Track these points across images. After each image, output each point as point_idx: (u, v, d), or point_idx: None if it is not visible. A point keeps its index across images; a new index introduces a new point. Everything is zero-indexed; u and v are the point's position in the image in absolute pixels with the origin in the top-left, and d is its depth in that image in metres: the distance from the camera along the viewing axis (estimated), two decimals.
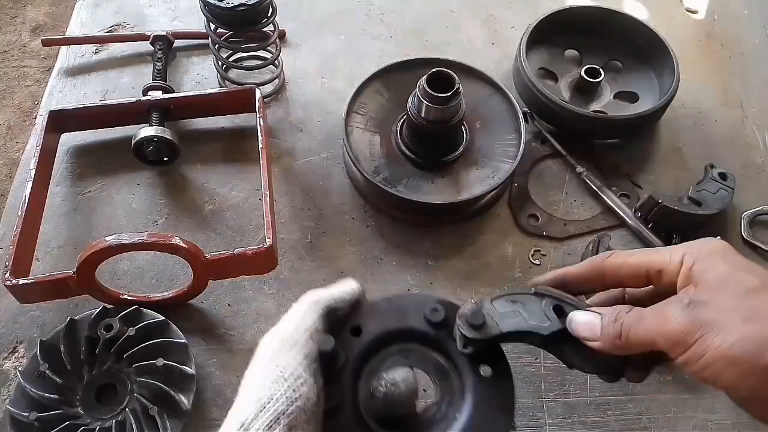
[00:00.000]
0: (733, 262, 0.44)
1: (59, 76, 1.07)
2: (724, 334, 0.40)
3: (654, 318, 0.44)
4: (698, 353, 0.41)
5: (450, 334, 0.50)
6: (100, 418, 0.71)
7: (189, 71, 1.08)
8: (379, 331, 0.50)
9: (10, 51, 2.64)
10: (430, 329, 0.51)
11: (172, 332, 0.77)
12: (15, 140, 2.38)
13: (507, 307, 0.50)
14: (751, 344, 0.39)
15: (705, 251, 0.45)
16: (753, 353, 0.39)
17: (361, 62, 1.08)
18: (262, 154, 0.86)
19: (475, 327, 0.48)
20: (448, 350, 0.50)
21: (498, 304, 0.50)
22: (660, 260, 0.47)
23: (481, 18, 1.18)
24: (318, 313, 0.47)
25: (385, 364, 0.50)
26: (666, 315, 0.43)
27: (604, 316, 0.47)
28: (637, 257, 0.50)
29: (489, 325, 0.48)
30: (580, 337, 0.48)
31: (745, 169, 0.99)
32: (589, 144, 0.99)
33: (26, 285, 0.74)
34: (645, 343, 0.44)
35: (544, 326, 0.49)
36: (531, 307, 0.50)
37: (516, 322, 0.49)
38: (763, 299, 0.41)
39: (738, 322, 0.40)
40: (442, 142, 0.90)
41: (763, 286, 0.42)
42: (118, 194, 0.93)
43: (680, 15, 1.21)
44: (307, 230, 0.90)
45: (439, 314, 0.51)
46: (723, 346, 0.40)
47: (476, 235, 0.91)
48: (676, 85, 0.97)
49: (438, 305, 0.51)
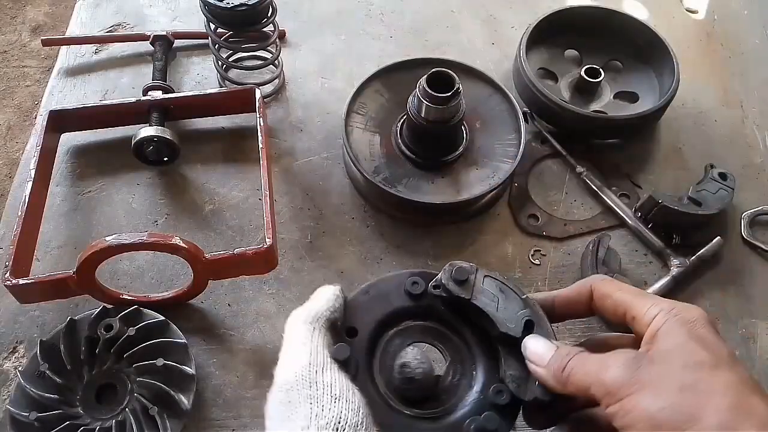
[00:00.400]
0: (697, 335, 0.44)
1: (59, 76, 1.07)
2: (656, 397, 0.40)
3: (596, 364, 0.45)
4: (626, 408, 0.41)
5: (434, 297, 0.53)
6: (100, 418, 0.71)
7: (189, 71, 1.08)
8: (372, 324, 0.51)
9: (10, 51, 2.64)
10: (416, 301, 0.52)
11: (172, 332, 0.77)
12: (15, 140, 2.38)
13: (492, 288, 0.52)
14: (679, 415, 0.39)
15: (679, 318, 0.45)
16: (677, 423, 0.39)
17: (361, 62, 1.08)
18: (262, 154, 0.86)
19: (455, 281, 0.51)
20: (439, 315, 0.52)
21: (487, 282, 0.52)
22: (638, 308, 0.47)
23: (481, 18, 1.18)
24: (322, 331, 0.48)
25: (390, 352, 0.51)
26: (608, 364, 0.44)
27: (561, 349, 0.48)
28: (621, 295, 0.50)
29: (464, 288, 0.51)
30: (527, 357, 0.49)
31: (745, 169, 0.99)
32: (589, 144, 0.99)
33: (26, 285, 0.74)
34: (581, 386, 0.45)
35: (506, 325, 0.50)
36: (510, 305, 0.51)
37: (486, 303, 0.51)
38: (706, 376, 0.41)
39: (673, 390, 0.40)
40: (442, 142, 0.90)
41: (712, 364, 0.42)
42: (118, 194, 0.93)
43: (680, 15, 1.21)
44: (307, 230, 0.90)
45: (419, 286, 0.52)
46: (651, 409, 0.40)
47: (476, 235, 0.91)
48: (676, 85, 0.97)
49: (417, 278, 0.53)
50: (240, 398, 0.76)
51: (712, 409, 0.39)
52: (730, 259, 0.89)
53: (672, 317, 0.45)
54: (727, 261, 0.89)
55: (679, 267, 0.86)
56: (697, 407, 0.39)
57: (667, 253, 0.87)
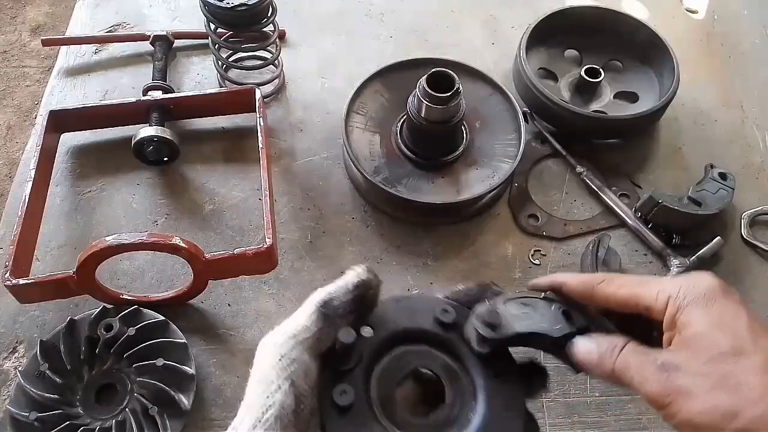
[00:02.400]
0: (714, 315, 0.45)
1: (59, 76, 1.07)
2: (692, 402, 0.42)
3: (636, 375, 0.46)
4: (671, 414, 0.43)
5: (459, 335, 0.51)
6: (100, 418, 0.71)
7: (189, 71, 1.08)
8: (390, 332, 0.50)
9: (10, 51, 2.64)
10: (441, 330, 0.51)
11: (172, 332, 0.77)
12: (15, 140, 2.38)
13: (519, 309, 0.51)
14: (715, 414, 0.41)
15: (691, 295, 0.46)
16: (716, 424, 0.41)
17: (361, 62, 1.08)
18: (262, 154, 0.86)
19: (491, 326, 0.49)
20: (457, 352, 0.51)
21: (510, 306, 0.51)
22: (648, 298, 0.48)
23: (481, 18, 1.18)
24: (308, 313, 0.47)
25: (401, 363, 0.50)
26: (645, 375, 0.45)
27: (601, 346, 0.48)
28: (626, 291, 0.50)
29: (504, 326, 0.49)
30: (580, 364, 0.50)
31: (745, 169, 0.99)
32: (589, 144, 0.99)
33: (26, 285, 0.74)
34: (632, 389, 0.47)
35: (555, 329, 0.50)
36: (541, 311, 0.52)
37: (529, 324, 0.50)
38: (731, 367, 0.43)
39: (706, 391, 0.42)
40: (442, 142, 0.90)
41: (735, 351, 0.43)
42: (118, 194, 0.93)
43: (680, 15, 1.21)
44: (307, 230, 0.90)
45: (450, 315, 0.51)
46: (689, 415, 0.42)
47: (476, 235, 0.91)
48: (676, 85, 0.97)
49: (448, 306, 0.51)
50: (240, 398, 0.76)
51: (746, 402, 0.41)
52: (730, 259, 0.89)
53: (685, 300, 0.46)
54: (727, 261, 0.89)
55: (679, 267, 0.86)
56: (731, 403, 0.41)
57: (667, 253, 0.87)
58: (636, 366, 0.46)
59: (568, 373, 0.78)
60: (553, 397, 0.77)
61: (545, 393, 0.77)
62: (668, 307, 0.47)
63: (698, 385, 0.42)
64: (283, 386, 0.42)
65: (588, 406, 0.77)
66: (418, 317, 0.51)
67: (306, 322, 0.46)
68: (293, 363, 0.44)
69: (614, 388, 0.78)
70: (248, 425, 0.41)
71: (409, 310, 0.52)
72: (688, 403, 0.42)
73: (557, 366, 0.79)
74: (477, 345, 0.50)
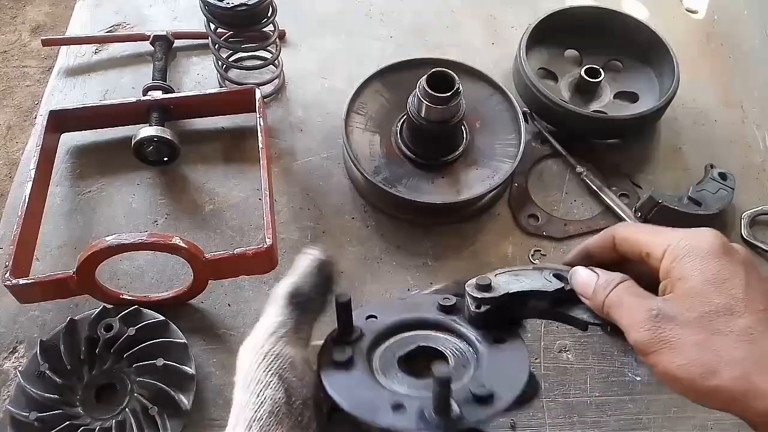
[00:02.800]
0: (710, 272, 0.46)
1: (59, 76, 1.07)
2: (676, 354, 0.44)
3: (626, 317, 0.47)
4: (654, 362, 0.45)
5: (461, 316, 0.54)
6: (100, 418, 0.71)
7: (189, 71, 1.08)
8: (394, 319, 0.53)
9: (10, 51, 2.64)
10: (443, 315, 0.54)
11: (172, 332, 0.77)
12: (15, 140, 2.38)
13: (511, 277, 0.55)
14: (694, 370, 0.43)
15: (689, 248, 0.47)
16: (693, 379, 0.43)
17: (361, 62, 1.08)
18: (262, 154, 0.86)
19: (483, 288, 0.52)
20: (459, 331, 0.53)
21: (501, 277, 0.55)
22: (650, 244, 0.50)
23: (481, 18, 1.18)
24: (280, 307, 0.47)
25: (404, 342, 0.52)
26: (636, 319, 0.46)
27: (600, 278, 0.50)
28: (639, 236, 0.52)
29: (497, 289, 0.53)
30: (577, 291, 0.52)
31: (745, 169, 0.99)
32: (589, 144, 0.99)
33: (26, 285, 0.74)
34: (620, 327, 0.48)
35: (548, 285, 0.53)
36: (532, 276, 0.55)
37: (521, 285, 0.53)
38: (721, 326, 0.44)
39: (690, 345, 0.43)
40: (442, 142, 0.90)
41: (726, 309, 0.44)
42: (118, 194, 0.93)
43: (680, 15, 1.21)
44: (307, 230, 0.90)
45: (451, 300, 0.54)
46: (671, 366, 0.44)
47: (476, 235, 0.91)
48: (676, 85, 0.96)
49: (449, 295, 0.55)
50: None
51: (726, 362, 0.42)
52: None
53: (682, 252, 0.47)
54: None
55: None
56: (712, 361, 0.42)
57: None
58: (628, 306, 0.47)
59: (568, 373, 0.79)
60: (553, 397, 0.77)
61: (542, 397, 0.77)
62: (665, 256, 0.48)
63: (685, 338, 0.43)
64: (271, 382, 0.42)
65: (588, 406, 0.77)
66: (420, 309, 0.55)
67: (281, 317, 0.46)
68: (278, 358, 0.44)
69: (614, 388, 0.78)
70: (243, 426, 0.41)
71: (413, 304, 0.56)
72: (671, 354, 0.43)
73: (557, 366, 0.80)
74: (473, 307, 0.52)
